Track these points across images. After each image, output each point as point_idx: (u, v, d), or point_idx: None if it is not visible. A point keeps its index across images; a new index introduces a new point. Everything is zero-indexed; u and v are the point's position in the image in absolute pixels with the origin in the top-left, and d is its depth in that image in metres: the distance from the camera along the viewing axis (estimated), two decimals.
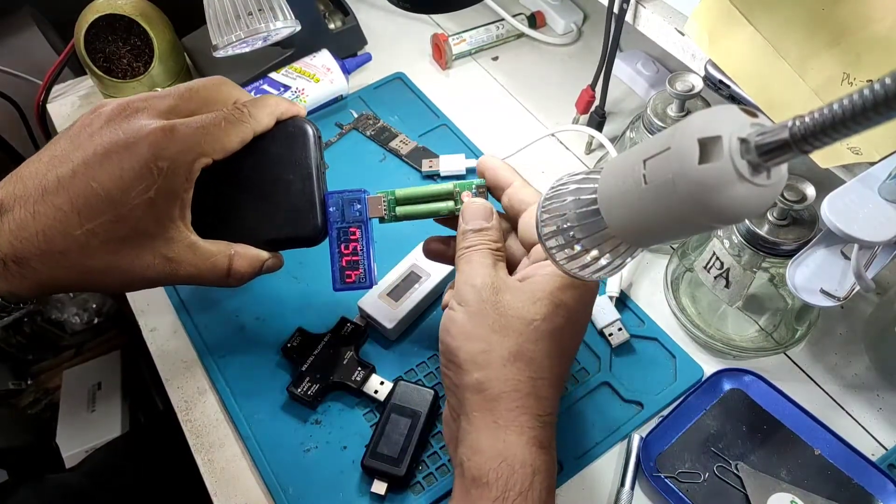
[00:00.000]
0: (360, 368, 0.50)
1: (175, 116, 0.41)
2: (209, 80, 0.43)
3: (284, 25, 0.58)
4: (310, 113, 0.68)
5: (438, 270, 0.54)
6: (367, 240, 0.46)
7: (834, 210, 0.39)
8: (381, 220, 0.46)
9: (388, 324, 0.52)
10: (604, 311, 0.53)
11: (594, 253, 0.33)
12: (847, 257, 0.42)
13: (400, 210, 0.45)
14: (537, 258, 0.41)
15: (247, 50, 0.60)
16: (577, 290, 0.38)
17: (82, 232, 0.38)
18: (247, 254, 0.44)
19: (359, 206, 0.45)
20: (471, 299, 0.38)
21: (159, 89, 0.43)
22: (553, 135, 0.66)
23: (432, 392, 0.49)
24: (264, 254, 0.45)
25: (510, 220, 0.44)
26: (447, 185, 0.45)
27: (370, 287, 0.46)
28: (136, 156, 0.38)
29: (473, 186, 0.44)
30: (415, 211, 0.45)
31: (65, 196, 0.38)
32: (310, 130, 0.46)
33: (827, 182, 0.43)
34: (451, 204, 0.45)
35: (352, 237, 0.45)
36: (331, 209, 0.45)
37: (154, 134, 0.39)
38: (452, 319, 0.38)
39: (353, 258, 0.46)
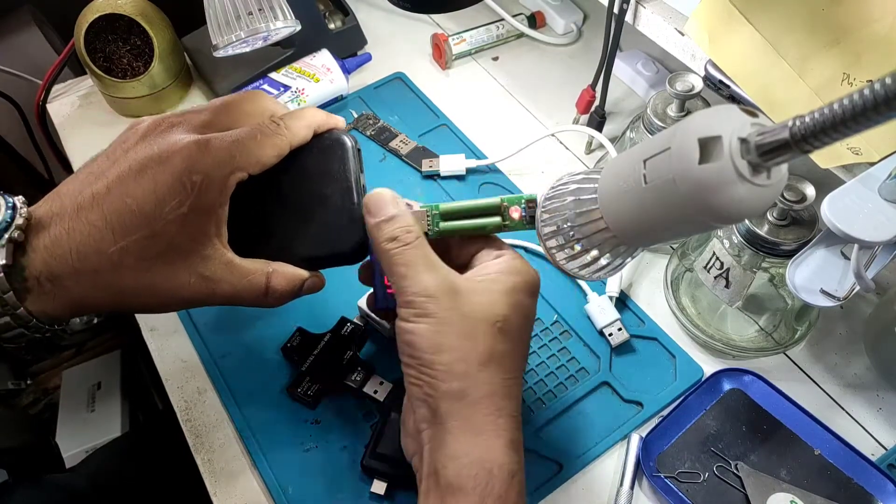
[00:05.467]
0: (359, 369, 0.50)
1: (211, 131, 0.39)
2: (245, 94, 0.42)
3: (284, 25, 0.58)
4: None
5: None
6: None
7: (834, 210, 0.39)
8: (425, 235, 0.40)
9: (388, 324, 0.51)
10: (604, 311, 0.53)
11: (594, 253, 0.33)
12: (847, 257, 0.42)
13: (444, 225, 0.41)
14: (472, 254, 0.40)
15: (247, 50, 0.60)
16: (528, 285, 0.38)
17: (116, 249, 0.37)
18: (285, 272, 0.41)
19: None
20: (431, 309, 0.36)
21: (198, 106, 0.42)
22: (553, 135, 0.66)
23: None
24: (304, 272, 0.42)
25: None
26: (494, 200, 0.41)
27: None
28: (169, 170, 0.37)
29: (522, 201, 0.40)
30: (460, 227, 0.41)
31: (98, 212, 0.37)
32: (348, 142, 0.44)
33: (827, 182, 0.43)
34: (497, 219, 0.40)
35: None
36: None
37: (188, 148, 0.37)
38: (416, 333, 0.36)
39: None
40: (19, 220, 0.37)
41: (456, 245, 0.42)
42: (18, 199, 0.38)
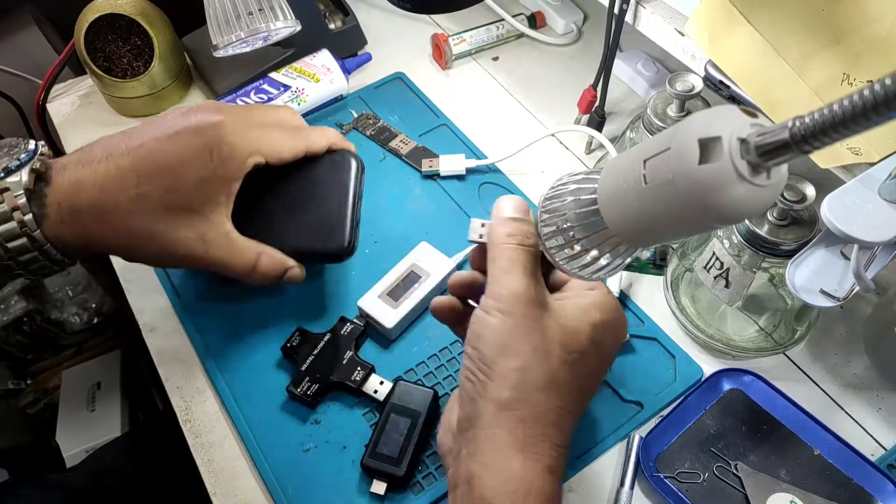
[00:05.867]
0: (359, 368, 0.50)
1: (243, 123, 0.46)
2: (276, 105, 0.50)
3: (284, 25, 0.58)
4: (309, 112, 0.68)
5: (438, 270, 0.54)
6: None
7: (834, 210, 0.39)
8: None
9: (388, 323, 0.52)
10: None
11: (594, 253, 0.33)
12: (847, 257, 0.42)
13: None
14: (564, 280, 0.40)
15: (247, 50, 0.60)
16: (616, 329, 0.38)
17: (136, 192, 0.42)
18: (273, 256, 0.48)
19: None
20: (514, 310, 0.35)
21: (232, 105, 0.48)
22: (553, 135, 0.66)
23: (432, 392, 0.49)
24: (290, 261, 0.48)
25: None
26: None
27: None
28: (202, 138, 0.43)
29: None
30: None
31: (128, 160, 0.42)
32: (354, 162, 0.51)
33: (827, 182, 0.43)
34: None
35: None
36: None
37: (222, 124, 0.44)
38: (490, 326, 0.36)
39: None
40: (40, 156, 0.42)
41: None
42: (41, 143, 0.43)
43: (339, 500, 0.46)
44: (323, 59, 0.68)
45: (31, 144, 0.42)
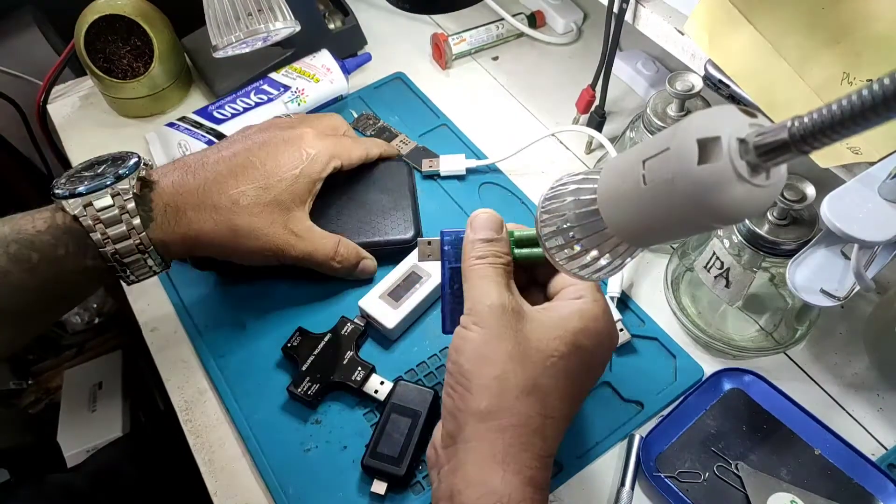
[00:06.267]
0: (360, 368, 0.50)
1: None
2: (329, 114, 0.59)
3: (284, 26, 0.58)
4: (309, 113, 0.68)
5: (439, 271, 0.54)
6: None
7: (834, 210, 0.39)
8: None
9: (389, 324, 0.52)
10: None
11: (594, 253, 0.33)
12: (847, 257, 0.42)
13: (519, 252, 0.41)
14: (555, 291, 0.40)
15: (247, 50, 0.60)
16: (596, 333, 0.38)
17: (236, 191, 0.47)
18: (350, 245, 0.53)
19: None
20: (490, 321, 0.36)
21: (296, 115, 0.58)
22: (553, 135, 0.66)
23: (432, 392, 0.49)
24: (364, 251, 0.54)
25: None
26: None
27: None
28: (293, 144, 0.50)
29: None
30: (535, 254, 0.40)
31: (225, 165, 0.47)
32: (405, 165, 0.60)
33: (827, 182, 0.43)
34: None
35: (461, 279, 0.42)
36: (446, 248, 0.43)
37: (305, 133, 0.52)
38: (468, 339, 0.36)
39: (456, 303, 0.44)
40: (144, 165, 0.45)
41: (548, 274, 0.42)
42: (143, 156, 0.46)
43: (339, 500, 0.46)
44: (323, 60, 0.68)
45: (135, 157, 0.46)
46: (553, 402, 0.36)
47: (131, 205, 0.43)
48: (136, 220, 0.43)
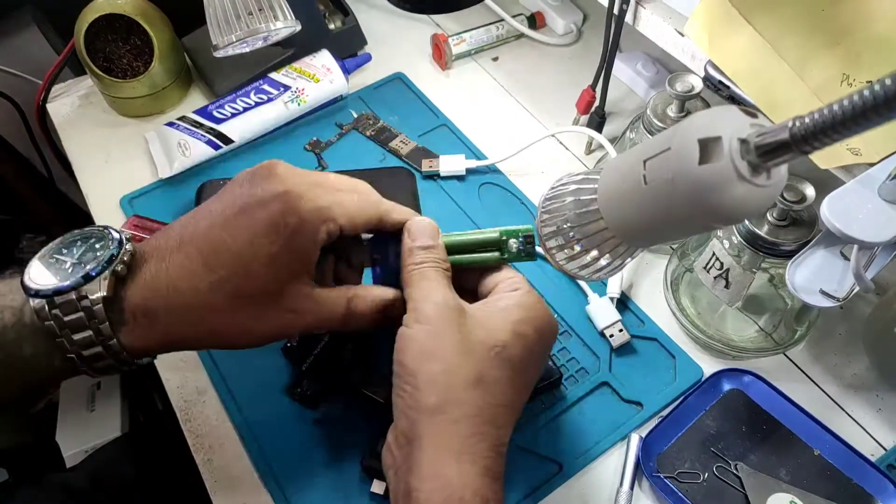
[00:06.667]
0: (359, 368, 0.50)
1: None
2: (356, 179, 0.44)
3: (284, 25, 0.58)
4: (309, 113, 0.68)
5: None
6: None
7: (833, 211, 0.39)
8: None
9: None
10: (604, 312, 0.53)
11: (594, 253, 0.33)
12: (847, 258, 0.42)
13: (451, 259, 0.42)
14: (489, 289, 0.41)
15: (247, 50, 0.60)
16: (536, 321, 0.38)
17: (208, 284, 0.38)
18: (366, 295, 0.42)
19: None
20: (432, 317, 0.37)
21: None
22: (553, 135, 0.66)
23: None
24: (389, 292, 0.42)
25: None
26: (493, 234, 0.42)
27: None
28: (267, 211, 0.38)
29: (520, 235, 0.42)
30: (461, 260, 0.42)
31: (195, 246, 0.38)
32: (409, 174, 0.61)
33: (827, 182, 0.43)
34: (496, 254, 0.42)
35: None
36: (376, 255, 0.44)
37: (288, 194, 0.39)
38: (411, 338, 0.37)
39: None
40: (125, 256, 0.38)
41: (475, 279, 0.42)
42: (125, 234, 0.39)
43: (339, 500, 0.46)
44: (323, 60, 0.68)
45: (117, 236, 0.39)
46: (502, 391, 0.36)
47: (98, 307, 0.37)
48: (105, 326, 0.37)
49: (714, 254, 0.48)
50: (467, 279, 0.43)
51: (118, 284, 0.38)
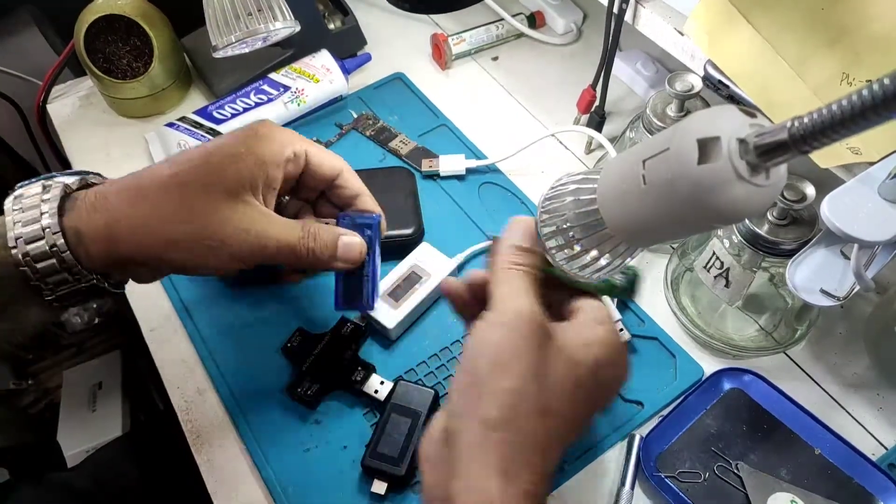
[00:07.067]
0: (360, 368, 0.50)
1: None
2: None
3: (284, 26, 0.58)
4: (309, 113, 0.68)
5: (439, 271, 0.54)
6: (374, 265, 0.47)
7: (833, 210, 0.39)
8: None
9: (389, 324, 0.52)
10: None
11: (594, 253, 0.33)
12: (847, 257, 0.42)
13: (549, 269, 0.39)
14: (573, 311, 0.38)
15: (246, 50, 0.60)
16: (615, 368, 0.36)
17: (169, 173, 0.39)
18: (322, 227, 0.44)
19: (369, 233, 0.46)
20: (517, 329, 0.34)
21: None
22: (553, 135, 0.66)
23: (432, 392, 0.49)
24: (339, 229, 0.45)
25: None
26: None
27: (370, 310, 0.50)
28: (241, 130, 0.42)
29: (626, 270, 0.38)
30: (558, 274, 0.38)
31: (166, 162, 0.41)
32: (410, 172, 0.62)
33: (827, 182, 0.43)
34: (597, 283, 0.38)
35: None
36: (367, 233, 0.46)
37: (266, 121, 0.43)
38: (489, 341, 0.34)
39: (358, 281, 0.47)
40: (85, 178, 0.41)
41: (558, 297, 0.39)
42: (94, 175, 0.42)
43: (339, 500, 0.46)
44: (322, 60, 0.68)
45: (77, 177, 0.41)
46: (562, 427, 0.35)
47: (56, 190, 0.37)
48: (48, 206, 0.37)
49: (714, 253, 0.48)
50: (550, 293, 0.40)
51: (86, 187, 0.40)
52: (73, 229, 0.38)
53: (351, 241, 0.45)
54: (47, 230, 0.37)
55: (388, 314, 0.52)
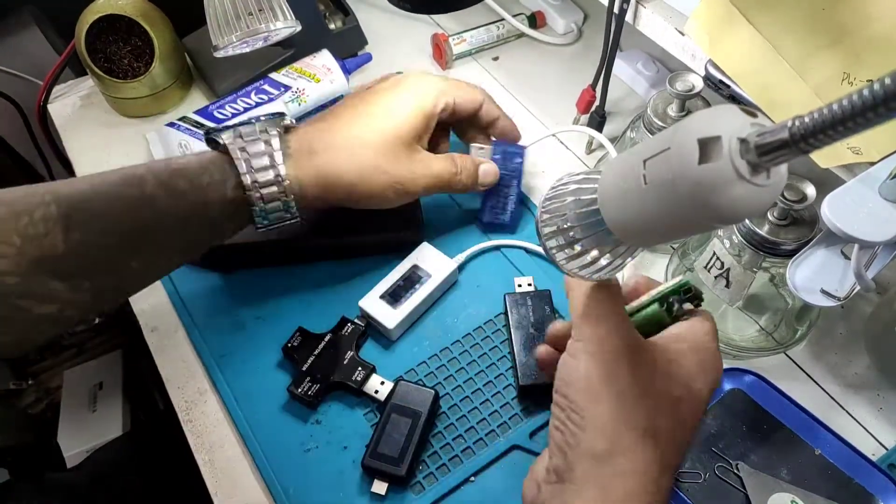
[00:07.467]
0: (360, 368, 0.50)
1: None
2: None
3: (284, 26, 0.58)
4: (309, 113, 0.68)
5: (439, 271, 0.54)
6: (519, 189, 0.57)
7: (834, 210, 0.39)
8: None
9: (389, 324, 0.52)
10: None
11: (594, 253, 0.33)
12: (847, 257, 0.42)
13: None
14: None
15: (247, 50, 0.61)
16: (707, 374, 0.35)
17: (359, 131, 0.49)
18: (463, 156, 0.55)
19: (518, 160, 0.57)
20: (603, 352, 0.33)
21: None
22: (553, 135, 0.66)
23: (433, 392, 0.49)
24: (478, 159, 0.56)
25: None
26: (653, 304, 0.37)
27: (512, 231, 0.58)
28: (398, 86, 0.52)
29: (680, 291, 0.38)
30: (633, 315, 0.38)
31: (347, 111, 0.51)
32: None
33: (827, 182, 0.43)
34: (664, 312, 0.37)
35: (506, 183, 0.57)
36: (496, 156, 0.56)
37: (410, 76, 0.54)
38: (577, 371, 0.33)
39: (504, 200, 0.57)
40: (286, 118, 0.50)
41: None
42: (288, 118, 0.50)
43: (339, 500, 0.46)
44: (323, 60, 0.68)
45: (282, 114, 0.50)
46: (669, 446, 0.33)
47: (276, 140, 0.46)
48: (279, 155, 0.46)
49: (715, 253, 0.48)
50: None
51: (287, 132, 0.48)
52: (296, 178, 0.47)
53: (488, 168, 0.56)
54: (279, 178, 0.46)
55: (388, 314, 0.52)
